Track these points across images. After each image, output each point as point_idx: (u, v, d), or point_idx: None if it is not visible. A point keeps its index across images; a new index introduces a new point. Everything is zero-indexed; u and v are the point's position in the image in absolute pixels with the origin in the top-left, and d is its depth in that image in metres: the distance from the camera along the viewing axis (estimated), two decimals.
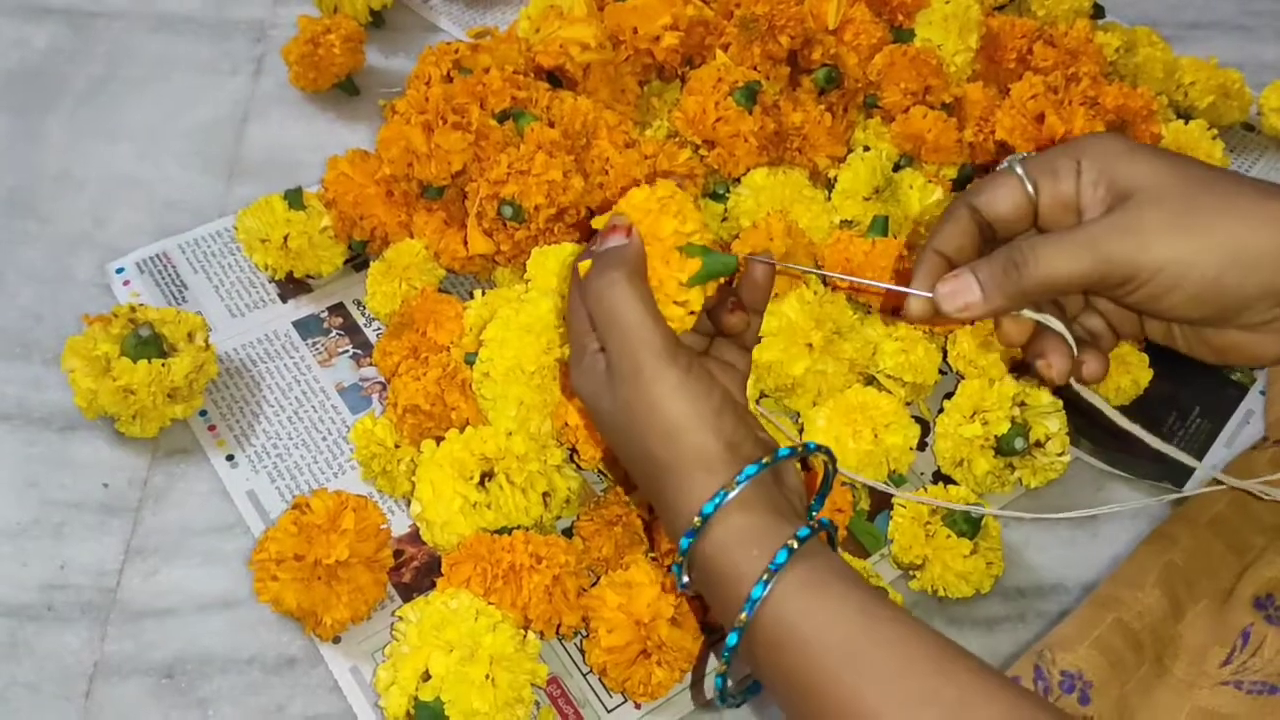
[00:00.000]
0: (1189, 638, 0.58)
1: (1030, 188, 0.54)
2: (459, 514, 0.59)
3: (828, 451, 0.52)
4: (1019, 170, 0.54)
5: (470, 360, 0.63)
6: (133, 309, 0.66)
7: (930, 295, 0.53)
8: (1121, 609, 0.57)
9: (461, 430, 0.61)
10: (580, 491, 0.64)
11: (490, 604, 0.56)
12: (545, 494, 0.61)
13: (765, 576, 0.46)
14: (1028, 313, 0.54)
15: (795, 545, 0.46)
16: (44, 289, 0.73)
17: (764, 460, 0.49)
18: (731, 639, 0.46)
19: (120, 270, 0.74)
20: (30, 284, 0.74)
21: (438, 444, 0.61)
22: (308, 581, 0.57)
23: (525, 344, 0.61)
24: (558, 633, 0.58)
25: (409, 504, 0.63)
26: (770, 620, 0.46)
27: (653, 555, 0.61)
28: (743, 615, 0.46)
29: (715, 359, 0.56)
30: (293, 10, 0.92)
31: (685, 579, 0.50)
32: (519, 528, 0.60)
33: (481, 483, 0.60)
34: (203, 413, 0.68)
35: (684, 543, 0.48)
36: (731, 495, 0.47)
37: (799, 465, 0.54)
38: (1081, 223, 0.52)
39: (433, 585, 0.59)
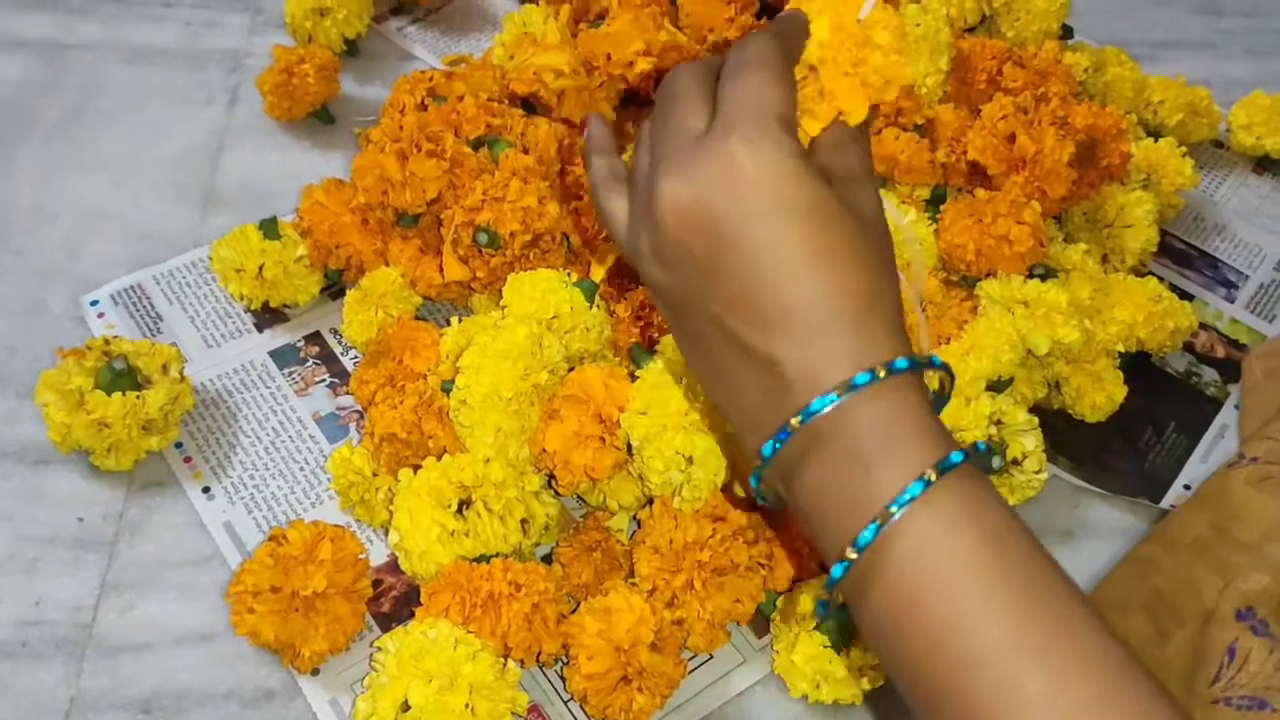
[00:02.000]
0: (1177, 663, 0.58)
1: None
2: (437, 543, 0.59)
3: (947, 368, 0.44)
4: None
5: (447, 388, 0.63)
6: (107, 341, 0.66)
7: None
8: None
9: (439, 458, 0.61)
10: (559, 518, 0.64)
11: (470, 633, 0.56)
12: (524, 521, 0.61)
13: (907, 493, 0.38)
14: None
15: (938, 470, 0.38)
16: (17, 322, 0.73)
17: (917, 359, 0.41)
18: (837, 571, 0.40)
19: (95, 302, 0.74)
20: (3, 317, 0.73)
21: (415, 472, 0.61)
22: (285, 613, 0.57)
23: (502, 370, 0.61)
24: (538, 660, 0.58)
25: (387, 533, 0.62)
26: (901, 554, 0.38)
27: (632, 580, 0.61)
28: (850, 553, 0.39)
29: None
30: (268, 40, 0.92)
31: (777, 488, 0.42)
32: (498, 555, 0.59)
33: (459, 511, 0.59)
34: (178, 444, 0.67)
35: (816, 404, 0.39)
36: (878, 377, 0.39)
37: None
38: None
39: (412, 615, 0.58)
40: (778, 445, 0.41)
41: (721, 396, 0.45)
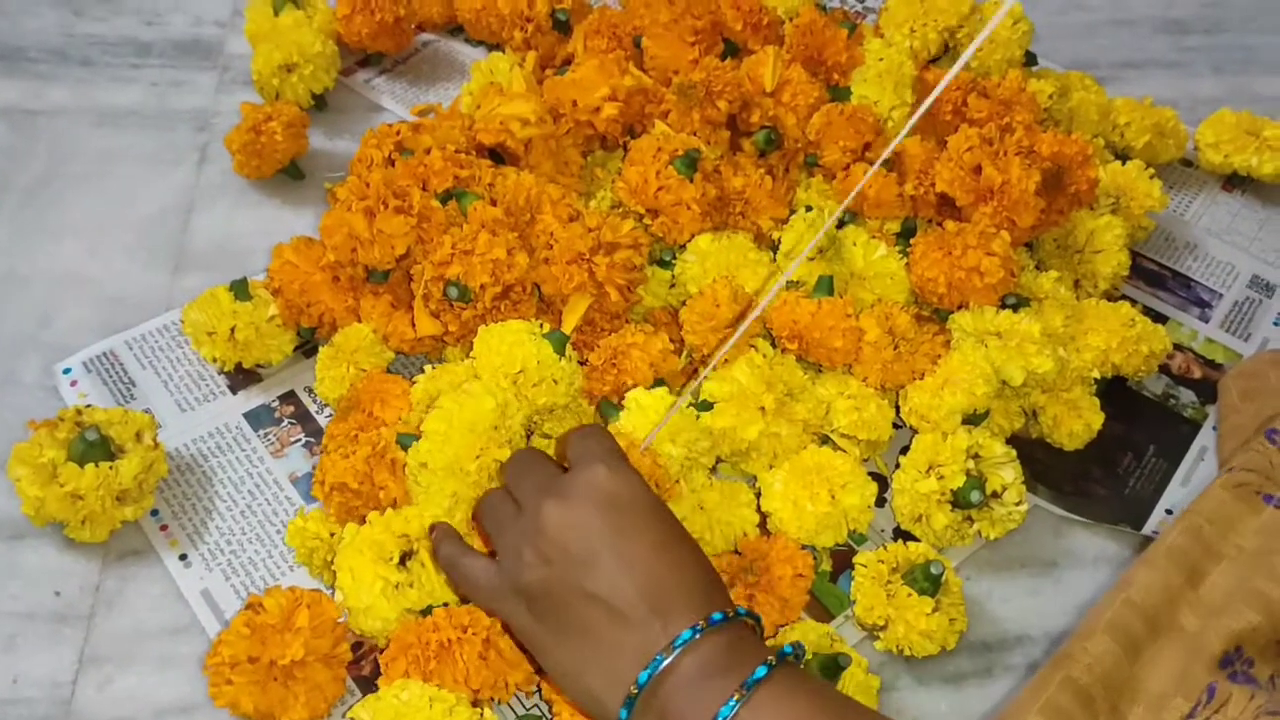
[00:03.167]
0: (1149, 681, 0.57)
1: None
2: (381, 597, 0.59)
3: (755, 618, 0.53)
4: None
5: (404, 443, 0.63)
6: (79, 411, 0.66)
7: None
8: (1070, 665, 0.56)
9: (383, 512, 0.61)
10: None
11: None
12: None
13: (736, 696, 0.47)
14: None
15: (765, 670, 0.48)
16: None
17: (699, 627, 0.50)
18: None
19: (67, 370, 0.74)
20: None
21: (360, 525, 0.61)
22: (264, 683, 0.56)
23: (468, 443, 0.61)
24: (510, 692, 0.58)
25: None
26: None
27: None
28: None
29: None
30: (235, 98, 0.92)
31: None
32: (444, 605, 0.59)
33: (402, 562, 0.60)
34: (154, 512, 0.67)
35: (642, 677, 0.49)
36: (668, 660, 0.49)
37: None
38: None
39: None
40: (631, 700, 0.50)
41: (572, 660, 0.53)
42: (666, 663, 0.49)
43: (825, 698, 0.49)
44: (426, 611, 0.59)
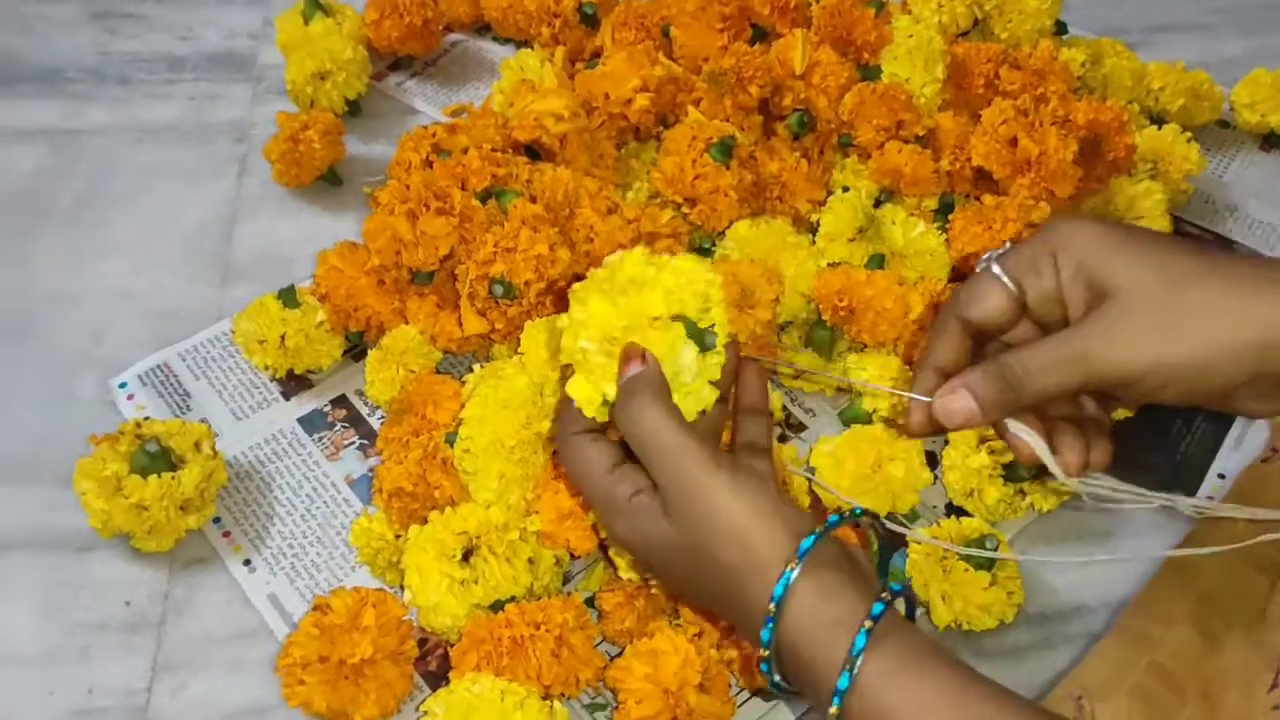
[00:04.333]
0: (1235, 668, 0.57)
1: (1013, 287, 0.54)
2: (448, 594, 0.60)
3: (874, 516, 0.52)
4: (998, 272, 0.55)
5: (451, 440, 0.64)
6: (138, 424, 0.67)
7: (929, 400, 0.54)
8: (1155, 649, 0.57)
9: (444, 511, 0.62)
10: (566, 556, 0.64)
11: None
12: (530, 560, 0.62)
13: (847, 666, 0.45)
14: (1012, 425, 0.55)
15: (870, 625, 0.46)
16: (49, 411, 0.74)
17: (818, 531, 0.49)
18: None
19: (123, 385, 0.75)
20: (34, 407, 0.74)
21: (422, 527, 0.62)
22: (335, 682, 0.57)
23: (503, 420, 0.62)
24: (581, 688, 0.59)
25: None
26: (861, 710, 0.45)
27: (677, 623, 0.61)
28: (833, 709, 0.46)
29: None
30: (271, 108, 0.93)
31: (776, 677, 0.49)
32: (512, 599, 0.60)
33: (465, 559, 0.61)
34: (216, 520, 0.68)
35: (765, 635, 0.48)
36: (796, 571, 0.47)
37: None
38: (1070, 327, 0.52)
39: None
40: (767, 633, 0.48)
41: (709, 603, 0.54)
42: (795, 575, 0.47)
43: (948, 666, 0.47)
44: (497, 606, 0.60)
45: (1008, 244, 0.57)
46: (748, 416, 0.57)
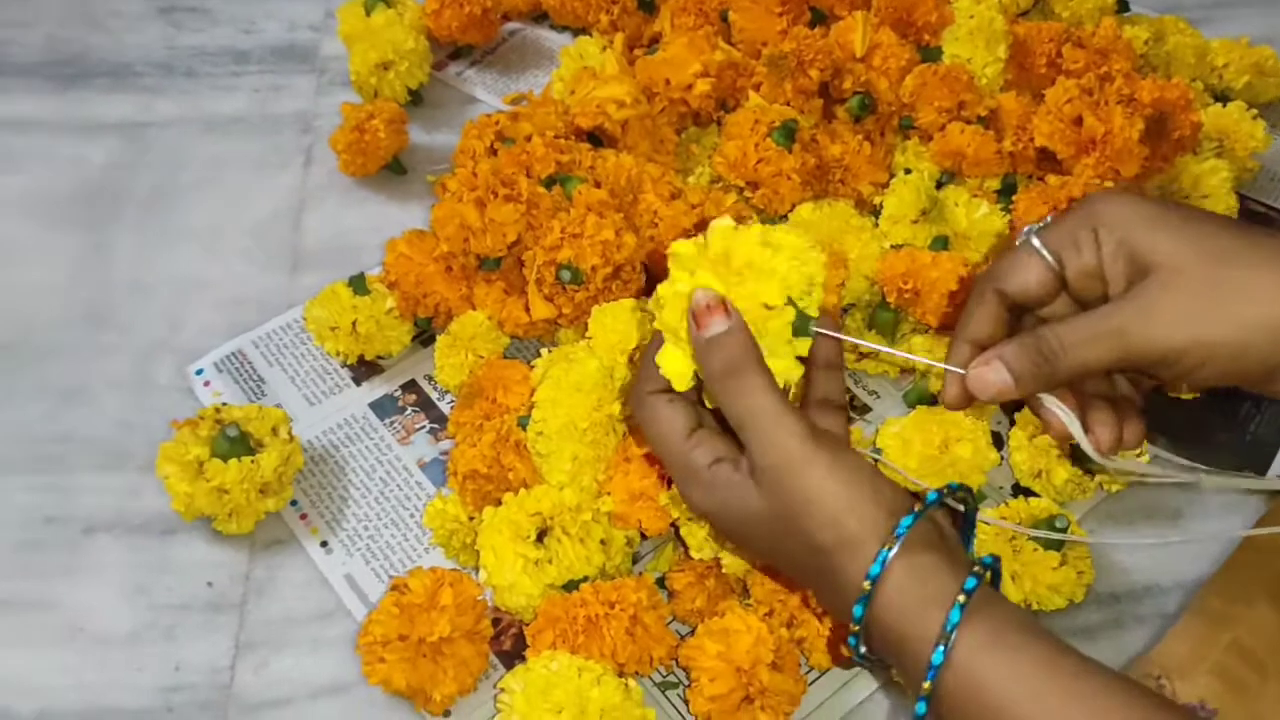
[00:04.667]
0: None
1: (1053, 261, 0.54)
2: (523, 574, 0.61)
3: (968, 490, 0.52)
4: (1037, 245, 0.55)
5: (523, 423, 0.65)
6: (217, 410, 0.69)
7: (963, 372, 0.55)
8: (1235, 628, 0.57)
9: (517, 492, 0.63)
10: (637, 537, 0.65)
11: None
12: (603, 541, 0.62)
13: (942, 641, 0.46)
14: (1046, 400, 0.55)
15: (964, 600, 0.46)
16: (129, 397, 0.76)
17: (916, 509, 0.49)
18: (920, 708, 0.47)
19: (200, 372, 0.77)
20: (116, 393, 0.76)
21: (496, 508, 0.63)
22: (414, 660, 0.59)
23: (576, 402, 0.63)
24: (654, 667, 0.60)
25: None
26: (955, 685, 0.46)
27: (747, 603, 0.62)
28: (926, 684, 0.46)
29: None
30: (335, 99, 0.94)
31: (863, 649, 0.50)
32: (585, 579, 0.61)
33: (539, 539, 0.62)
34: (293, 503, 0.70)
35: (858, 611, 0.48)
36: (893, 551, 0.48)
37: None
38: (1109, 303, 0.52)
39: None
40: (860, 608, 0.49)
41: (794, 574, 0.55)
42: (891, 555, 0.48)
43: (1041, 640, 0.48)
44: (570, 586, 0.61)
45: (1048, 218, 0.57)
46: (823, 371, 0.56)
